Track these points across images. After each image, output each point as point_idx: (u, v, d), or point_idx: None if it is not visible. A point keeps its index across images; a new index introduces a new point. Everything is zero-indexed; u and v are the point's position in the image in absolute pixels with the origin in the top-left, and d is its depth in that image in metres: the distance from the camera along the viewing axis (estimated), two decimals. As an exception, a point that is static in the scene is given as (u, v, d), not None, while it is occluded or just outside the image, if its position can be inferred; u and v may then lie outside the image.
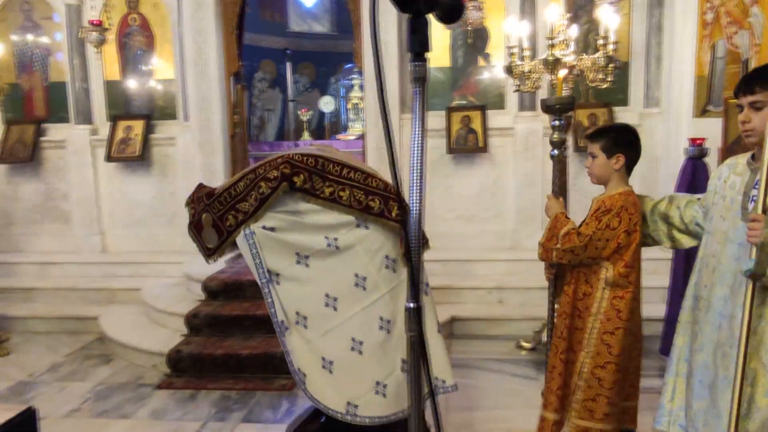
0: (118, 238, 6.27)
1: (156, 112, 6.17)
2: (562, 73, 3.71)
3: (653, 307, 4.66)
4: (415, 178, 1.16)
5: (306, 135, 10.17)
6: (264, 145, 8.95)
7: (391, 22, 5.56)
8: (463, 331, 4.95)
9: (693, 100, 5.13)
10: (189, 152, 5.95)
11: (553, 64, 3.76)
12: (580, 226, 2.62)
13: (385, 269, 2.83)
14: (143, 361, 4.51)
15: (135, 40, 6.08)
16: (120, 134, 6.00)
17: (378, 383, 2.76)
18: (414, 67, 1.13)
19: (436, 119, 5.73)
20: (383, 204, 2.80)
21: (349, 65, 10.32)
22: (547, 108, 2.71)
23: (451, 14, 1.13)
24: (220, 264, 5.40)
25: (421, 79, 1.13)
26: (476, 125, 5.66)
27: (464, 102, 5.80)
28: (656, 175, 5.53)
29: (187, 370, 4.28)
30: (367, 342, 2.77)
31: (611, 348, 2.54)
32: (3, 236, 6.32)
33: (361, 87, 9.77)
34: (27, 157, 6.06)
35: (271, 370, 4.18)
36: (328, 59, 11.42)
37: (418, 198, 1.17)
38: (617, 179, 2.61)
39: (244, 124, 6.36)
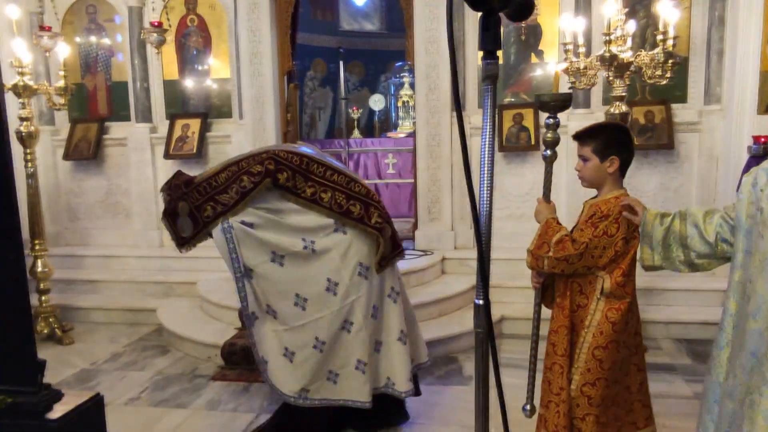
0: (175, 232, 6.45)
1: (212, 110, 6.32)
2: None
3: (711, 311, 4.54)
4: (486, 174, 1.16)
5: (356, 133, 10.22)
6: (315, 143, 9.04)
7: (445, 19, 5.55)
8: (512, 330, 4.90)
9: (757, 97, 4.93)
10: (243, 149, 6.01)
11: (609, 61, 3.70)
12: (572, 232, 2.44)
13: (357, 276, 2.86)
14: (198, 352, 4.63)
15: (193, 40, 6.25)
16: (178, 132, 6.18)
17: (331, 372, 2.91)
18: (486, 65, 1.13)
19: (487, 117, 5.71)
20: (363, 210, 2.83)
21: (400, 63, 10.30)
22: (542, 105, 2.53)
23: (522, 12, 1.13)
24: (272, 259, 5.52)
25: (492, 77, 1.13)
26: (528, 123, 5.59)
27: (516, 99, 5.74)
28: (715, 174, 5.35)
29: (240, 362, 4.37)
30: (329, 342, 2.87)
31: (602, 363, 2.36)
32: (69, 230, 6.60)
33: (411, 85, 9.77)
34: (91, 154, 6.31)
35: (322, 365, 4.24)
36: (378, 57, 11.41)
37: (488, 194, 1.17)
38: (611, 182, 2.42)
39: (296, 123, 6.45)
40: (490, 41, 1.10)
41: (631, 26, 3.93)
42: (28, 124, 4.80)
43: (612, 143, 2.40)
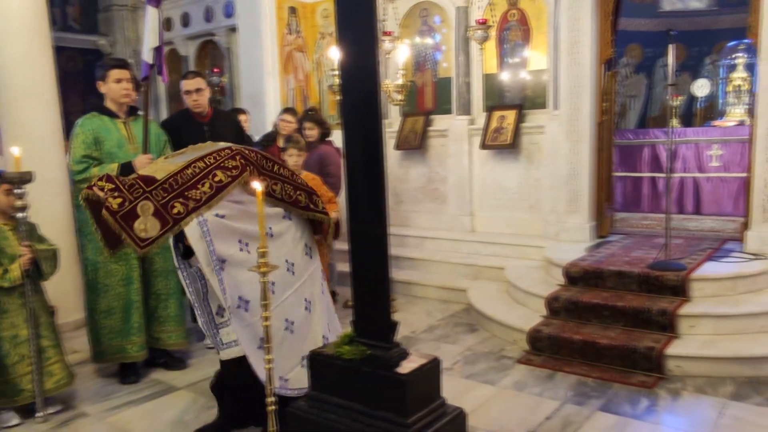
0: (485, 219, 6.81)
1: (526, 101, 6.47)
2: None
3: None
4: None
5: (674, 122, 9.43)
6: (628, 133, 8.60)
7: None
8: None
9: None
10: (555, 140, 6.10)
11: None
12: None
13: (305, 255, 3.15)
14: (504, 334, 4.82)
15: (512, 34, 6.47)
16: (494, 124, 6.47)
17: (303, 357, 2.88)
18: None
19: None
20: (308, 198, 3.13)
21: (733, 42, 9.19)
22: None
23: None
24: (580, 251, 5.47)
25: None
26: None
27: None
28: None
29: (544, 350, 4.45)
30: (297, 322, 2.95)
31: None
32: (394, 212, 7.39)
33: (747, 66, 8.64)
34: (417, 144, 7.01)
35: (630, 364, 4.08)
36: (703, 38, 10.40)
37: None
38: None
39: (611, 112, 6.23)
40: None
41: None
42: (374, 118, 5.51)
43: None
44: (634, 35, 10.43)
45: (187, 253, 3.02)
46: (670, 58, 4.95)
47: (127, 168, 3.84)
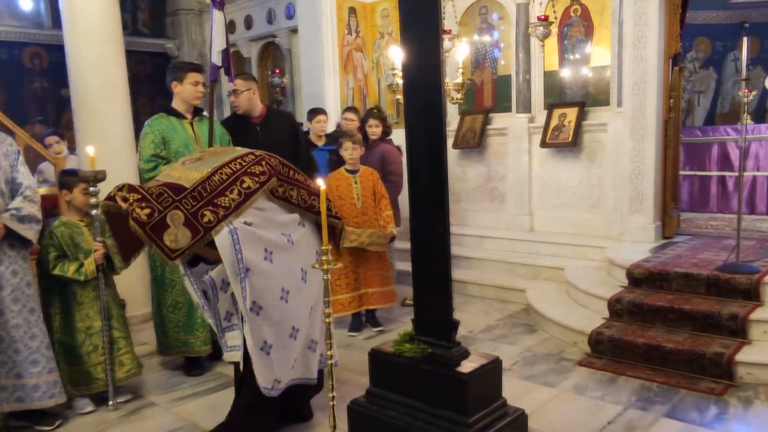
0: (544, 218, 6.70)
1: (588, 99, 6.33)
2: None
3: None
4: None
5: (747, 119, 9.03)
6: (695, 130, 8.30)
7: None
8: None
9: None
10: (619, 138, 5.95)
11: None
12: None
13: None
14: (564, 336, 4.74)
15: (574, 30, 6.34)
16: (555, 121, 6.36)
17: (294, 360, 2.91)
18: None
19: None
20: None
21: (813, 34, 8.78)
22: None
23: None
24: (644, 252, 5.34)
25: None
26: None
27: None
28: None
29: (606, 353, 4.35)
30: (302, 329, 2.92)
31: None
32: (452, 211, 7.26)
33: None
34: (475, 143, 6.95)
35: (697, 370, 3.95)
36: (779, 29, 10.01)
37: None
38: None
39: (678, 109, 6.02)
40: None
41: None
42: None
43: None
44: (703, 28, 10.17)
45: (193, 261, 3.03)
46: (744, 52, 4.73)
47: None
